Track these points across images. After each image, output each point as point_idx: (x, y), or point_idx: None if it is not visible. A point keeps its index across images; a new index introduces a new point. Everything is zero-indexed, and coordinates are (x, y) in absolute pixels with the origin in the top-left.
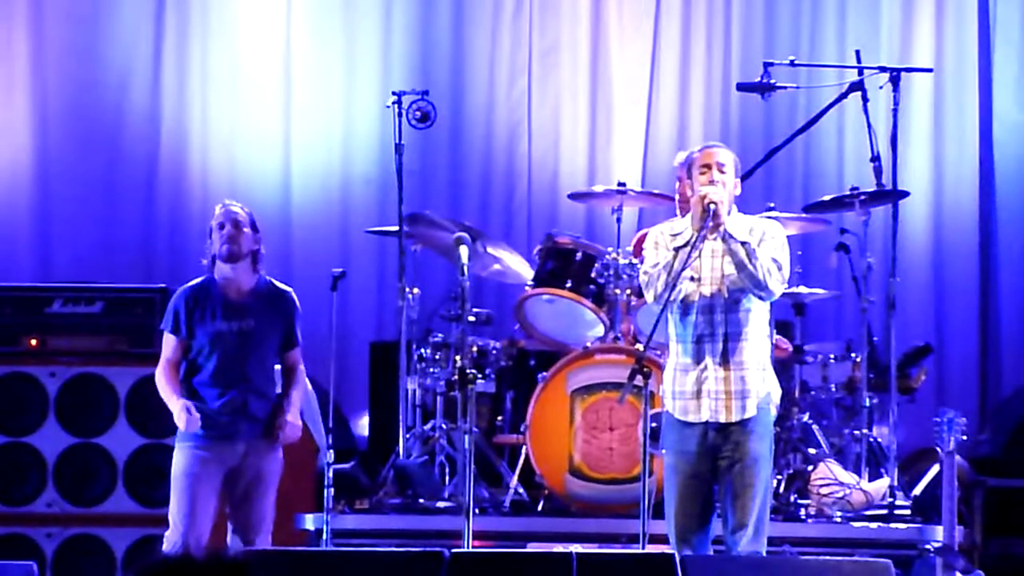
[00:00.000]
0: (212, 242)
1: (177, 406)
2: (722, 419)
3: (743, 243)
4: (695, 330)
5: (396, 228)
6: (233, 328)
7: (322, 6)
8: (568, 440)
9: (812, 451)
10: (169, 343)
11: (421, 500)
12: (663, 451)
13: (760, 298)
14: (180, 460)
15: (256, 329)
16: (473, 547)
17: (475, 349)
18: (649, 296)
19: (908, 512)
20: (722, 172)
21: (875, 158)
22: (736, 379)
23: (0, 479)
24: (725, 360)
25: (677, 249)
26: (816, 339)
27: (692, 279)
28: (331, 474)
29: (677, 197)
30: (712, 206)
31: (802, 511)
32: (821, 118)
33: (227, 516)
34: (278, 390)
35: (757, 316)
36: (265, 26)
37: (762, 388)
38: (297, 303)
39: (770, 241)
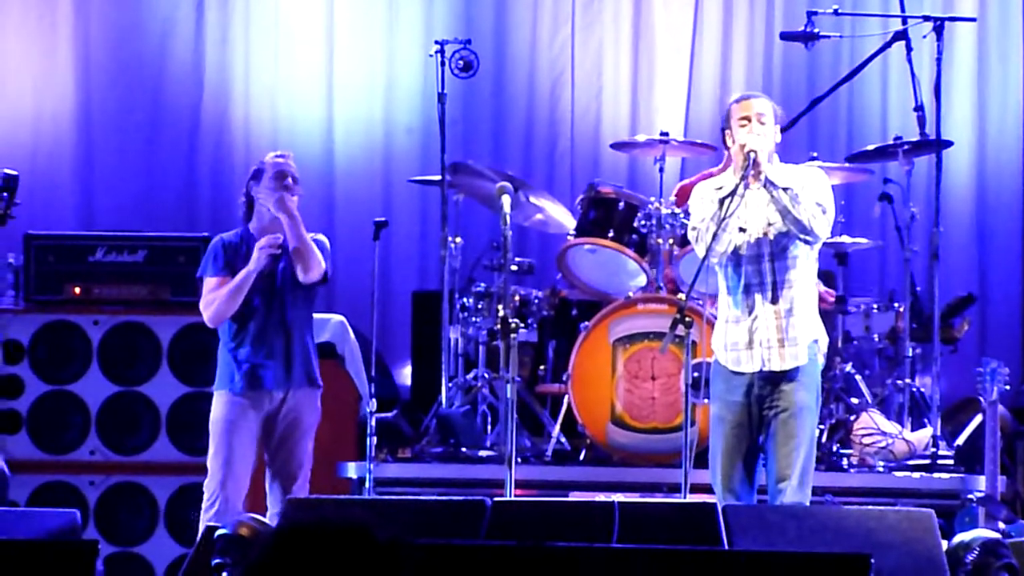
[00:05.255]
0: (260, 187)
1: (254, 254)
2: (775, 367)
3: (785, 189)
4: (744, 280)
5: (438, 177)
6: (267, 273)
7: None
8: (610, 389)
9: (855, 401)
10: (210, 283)
11: (463, 449)
12: (705, 401)
13: (807, 243)
14: (218, 408)
15: (291, 275)
16: (515, 496)
17: (517, 298)
18: (700, 250)
19: (951, 462)
20: (761, 122)
21: (919, 107)
22: (786, 326)
23: (44, 427)
24: (775, 308)
25: (721, 200)
26: (859, 289)
27: (741, 230)
28: (373, 423)
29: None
30: (752, 154)
31: (844, 461)
32: (864, 67)
33: (265, 464)
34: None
35: (805, 263)
36: None
37: (810, 335)
38: (326, 244)
39: (812, 186)
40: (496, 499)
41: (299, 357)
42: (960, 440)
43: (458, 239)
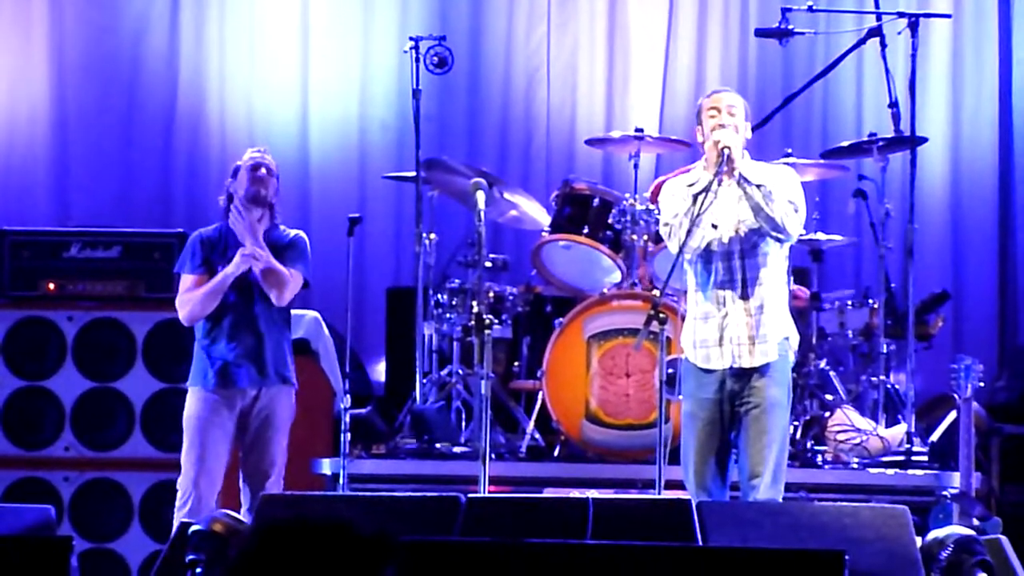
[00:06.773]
0: (237, 182)
1: (236, 258)
2: (744, 364)
3: (758, 186)
4: (715, 277)
5: (413, 174)
6: (245, 272)
7: None
8: (584, 386)
9: (829, 397)
10: (187, 281)
11: (437, 445)
12: (679, 397)
13: (779, 240)
14: (191, 405)
15: None
16: (489, 492)
17: (492, 295)
18: (672, 246)
19: (925, 459)
20: (731, 115)
21: (893, 104)
22: (757, 323)
23: (18, 423)
24: (745, 305)
25: (695, 196)
26: (833, 286)
27: (713, 226)
28: (348, 419)
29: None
30: (726, 150)
31: (819, 457)
32: (839, 64)
33: (239, 461)
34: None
35: (775, 260)
36: None
37: (781, 332)
38: (307, 243)
39: (784, 185)
40: (470, 495)
41: (273, 355)
42: (934, 437)
43: (432, 235)
